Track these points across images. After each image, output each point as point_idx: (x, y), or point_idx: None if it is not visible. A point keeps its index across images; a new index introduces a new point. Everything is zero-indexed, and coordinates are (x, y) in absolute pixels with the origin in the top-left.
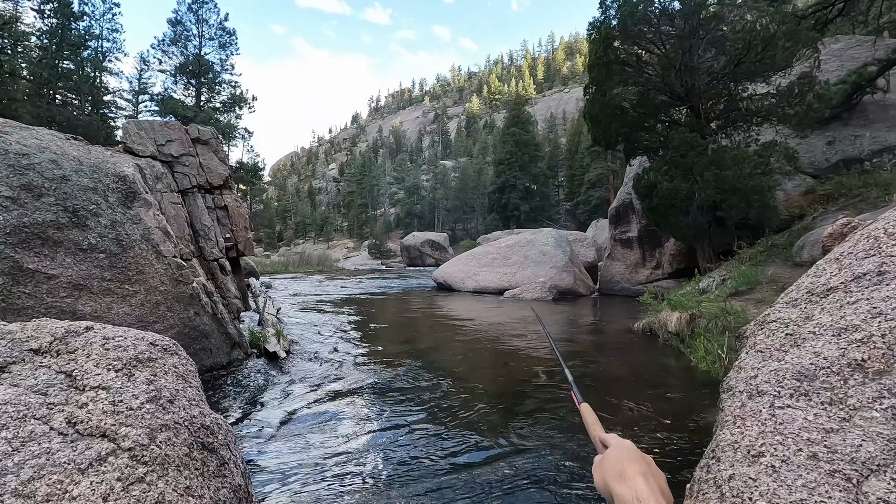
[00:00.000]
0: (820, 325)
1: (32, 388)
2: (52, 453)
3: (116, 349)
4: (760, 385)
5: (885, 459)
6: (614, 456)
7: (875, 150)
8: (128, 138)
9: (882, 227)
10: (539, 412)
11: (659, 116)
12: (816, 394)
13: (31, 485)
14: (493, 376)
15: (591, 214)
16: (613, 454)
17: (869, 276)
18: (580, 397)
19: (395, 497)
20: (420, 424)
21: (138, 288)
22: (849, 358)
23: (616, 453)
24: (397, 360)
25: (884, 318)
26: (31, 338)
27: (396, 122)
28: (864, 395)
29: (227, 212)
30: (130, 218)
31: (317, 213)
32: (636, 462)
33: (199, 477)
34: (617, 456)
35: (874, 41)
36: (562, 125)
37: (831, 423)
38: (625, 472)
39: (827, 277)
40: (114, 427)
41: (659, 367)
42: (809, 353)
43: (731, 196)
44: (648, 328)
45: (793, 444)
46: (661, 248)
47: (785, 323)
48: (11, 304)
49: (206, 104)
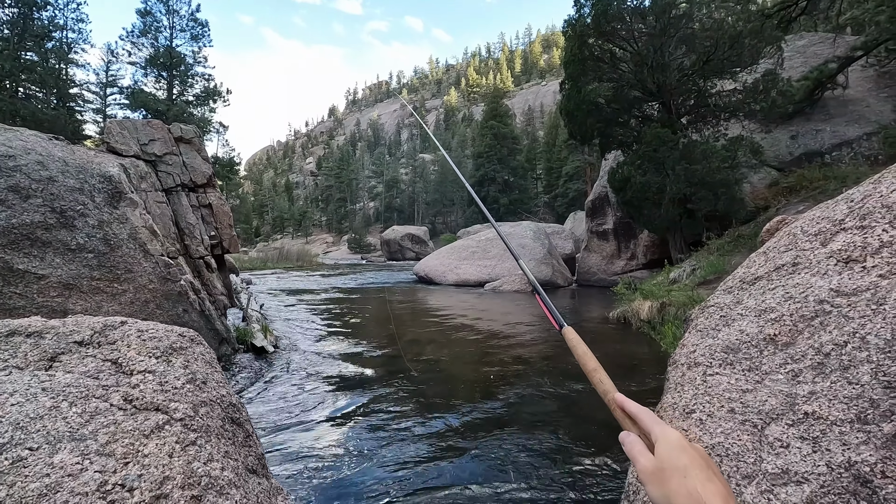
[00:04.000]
0: (746, 308)
1: (85, 373)
2: (119, 423)
3: (152, 340)
4: (697, 358)
5: (782, 410)
6: (678, 467)
7: (835, 143)
8: (111, 138)
9: (800, 226)
10: (518, 394)
11: (632, 112)
12: (739, 363)
13: (109, 446)
14: (474, 365)
15: (569, 207)
16: (674, 463)
17: (786, 266)
18: (561, 321)
19: (380, 472)
20: (409, 410)
21: (127, 286)
22: (765, 333)
23: (676, 461)
24: (384, 352)
25: (793, 301)
26: (73, 332)
27: (374, 115)
28: (773, 363)
29: (212, 210)
30: (117, 218)
31: (294, 208)
32: (709, 477)
33: (232, 445)
34: (681, 466)
35: (834, 39)
36: (539, 118)
37: (747, 385)
38: (704, 499)
39: (756, 268)
40: (165, 402)
41: (631, 353)
42: (736, 330)
43: (700, 189)
44: (622, 317)
45: (717, 403)
46: (635, 239)
47: (720, 307)
48: (3, 304)
49: (178, 97)
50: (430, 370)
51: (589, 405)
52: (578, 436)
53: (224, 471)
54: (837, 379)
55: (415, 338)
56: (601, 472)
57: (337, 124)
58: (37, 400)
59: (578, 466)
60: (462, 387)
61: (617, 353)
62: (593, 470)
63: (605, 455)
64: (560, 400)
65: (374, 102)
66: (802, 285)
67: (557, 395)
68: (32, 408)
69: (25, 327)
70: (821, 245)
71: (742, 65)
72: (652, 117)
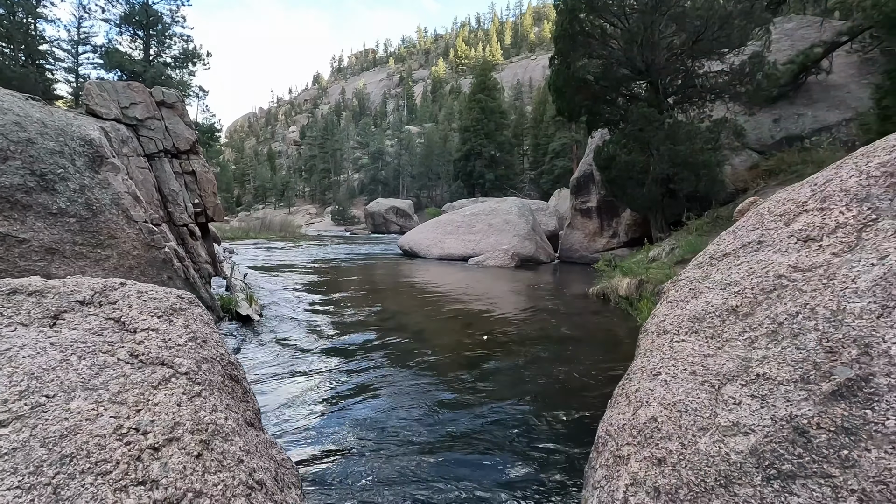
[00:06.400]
0: (713, 282)
1: (90, 330)
2: (128, 375)
3: (152, 301)
4: (666, 326)
5: (737, 372)
6: None
7: (815, 128)
8: (90, 99)
9: (767, 207)
10: (497, 361)
11: (620, 90)
12: (703, 331)
13: (121, 395)
14: (456, 334)
15: (555, 184)
16: None
17: (752, 244)
18: None
19: (358, 426)
20: (393, 375)
21: (111, 252)
22: (728, 305)
23: None
24: (369, 321)
25: (755, 276)
26: (73, 291)
27: (360, 84)
28: (733, 331)
29: (195, 177)
30: (99, 182)
31: (277, 178)
32: None
33: (232, 399)
34: None
35: (822, 23)
36: (528, 93)
37: (709, 350)
38: None
39: (725, 245)
40: (170, 358)
41: (609, 327)
42: (703, 302)
43: (683, 170)
44: (602, 293)
45: (681, 366)
46: (618, 218)
47: (690, 280)
48: None
49: (155, 59)
50: (416, 337)
51: (565, 366)
52: (555, 393)
53: (227, 420)
54: (788, 345)
55: (400, 308)
56: (575, 425)
57: (321, 92)
58: (47, 353)
59: (555, 423)
60: (446, 352)
61: (595, 327)
62: (568, 423)
63: (582, 411)
64: (540, 360)
65: (360, 71)
66: (765, 261)
67: (536, 356)
68: (44, 360)
69: (26, 286)
70: (784, 225)
71: (731, 46)
72: (639, 96)
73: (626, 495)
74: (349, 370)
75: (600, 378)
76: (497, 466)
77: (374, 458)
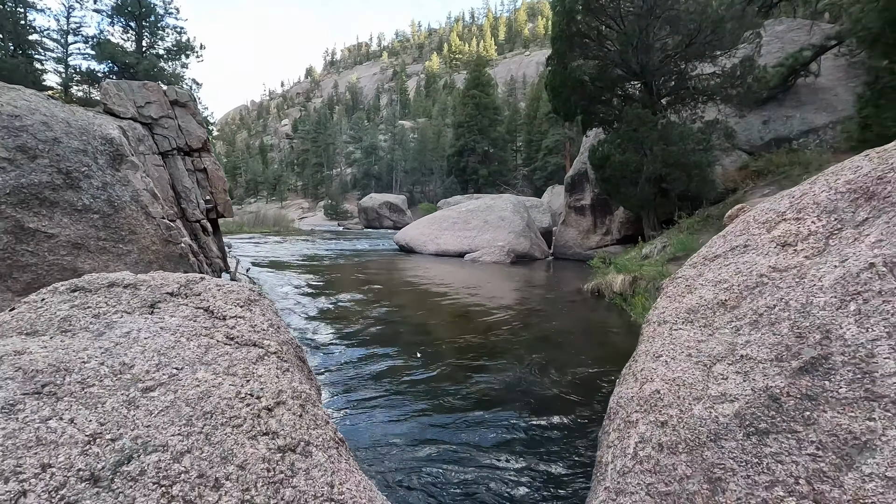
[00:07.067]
0: (706, 280)
1: (186, 317)
2: (231, 354)
3: (231, 293)
4: (666, 317)
5: (725, 354)
6: None
7: (803, 130)
8: (108, 99)
9: (752, 215)
10: (494, 353)
11: (615, 90)
12: (697, 321)
13: (232, 369)
14: (458, 328)
15: (548, 180)
16: None
17: (739, 248)
18: None
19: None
20: (398, 363)
21: (132, 247)
22: (718, 299)
23: None
24: (371, 315)
25: (741, 275)
26: (162, 284)
27: (353, 78)
28: (722, 321)
29: (207, 174)
30: (119, 180)
31: (269, 172)
32: None
33: (305, 376)
34: None
35: (811, 26)
36: (522, 89)
37: (702, 337)
38: None
39: (716, 248)
40: (259, 340)
41: (603, 322)
42: (696, 296)
43: (675, 170)
44: (596, 289)
45: (679, 349)
46: (611, 215)
47: (686, 278)
48: (16, 261)
49: (147, 50)
50: (421, 329)
51: (563, 356)
52: (553, 380)
53: (310, 390)
54: (766, 331)
55: (403, 302)
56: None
57: (314, 86)
58: (162, 335)
59: (557, 401)
60: (451, 343)
61: (590, 322)
62: (570, 401)
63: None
64: (539, 350)
65: (353, 65)
66: (749, 262)
67: (536, 347)
68: (162, 341)
69: (121, 280)
70: (766, 231)
71: (723, 48)
72: (634, 97)
73: (636, 450)
74: (355, 360)
75: (604, 371)
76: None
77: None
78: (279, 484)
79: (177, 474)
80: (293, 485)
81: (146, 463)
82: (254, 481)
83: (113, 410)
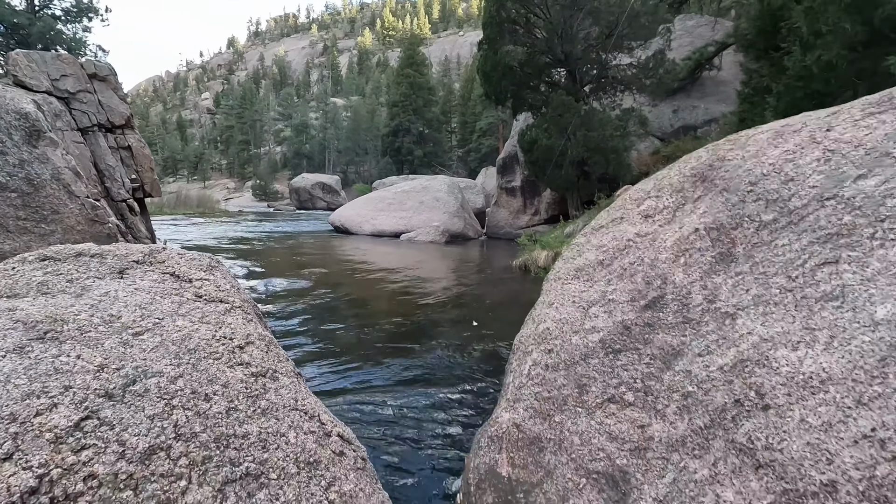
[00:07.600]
0: (591, 245)
1: (155, 281)
2: (202, 308)
3: (192, 260)
4: (560, 275)
5: (598, 299)
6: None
7: (706, 119)
8: (18, 70)
9: (629, 194)
10: (428, 328)
11: (543, 77)
12: (582, 277)
13: (205, 319)
14: (395, 302)
15: (482, 162)
16: None
17: (617, 220)
18: None
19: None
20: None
21: (55, 227)
22: (598, 259)
23: None
24: (310, 293)
25: (615, 240)
26: (127, 254)
27: (280, 51)
28: (600, 275)
29: (132, 152)
30: (38, 157)
31: (189, 149)
32: None
33: (263, 327)
34: None
35: (714, 24)
36: (456, 69)
37: (584, 288)
38: None
39: (601, 220)
40: (224, 297)
41: (529, 293)
42: (583, 258)
43: (595, 154)
44: (524, 265)
45: (566, 298)
46: (539, 196)
47: (578, 244)
48: None
49: (42, 10)
50: (360, 302)
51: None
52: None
53: (271, 336)
54: (627, 281)
55: (339, 280)
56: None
57: (238, 57)
58: (138, 294)
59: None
60: (388, 315)
61: (517, 294)
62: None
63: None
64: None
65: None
66: (622, 231)
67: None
68: (139, 299)
69: (87, 250)
70: (636, 206)
71: (638, 40)
72: (559, 84)
73: (529, 371)
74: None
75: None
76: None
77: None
78: (256, 397)
79: (175, 391)
80: (266, 398)
81: (148, 384)
82: (236, 395)
83: (112, 349)
